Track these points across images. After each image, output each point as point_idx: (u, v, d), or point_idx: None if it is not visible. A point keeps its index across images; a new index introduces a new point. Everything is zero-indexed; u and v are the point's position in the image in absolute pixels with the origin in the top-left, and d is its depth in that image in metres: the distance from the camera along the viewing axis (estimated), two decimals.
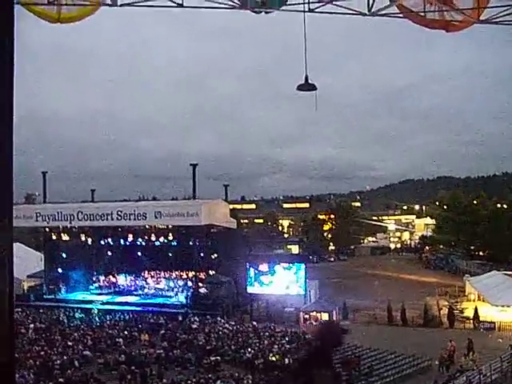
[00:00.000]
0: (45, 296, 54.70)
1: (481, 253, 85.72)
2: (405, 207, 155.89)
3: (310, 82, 14.16)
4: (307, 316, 45.48)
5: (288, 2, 11.75)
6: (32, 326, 42.85)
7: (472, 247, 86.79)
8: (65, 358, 33.81)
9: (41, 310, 49.74)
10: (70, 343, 37.51)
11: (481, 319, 44.81)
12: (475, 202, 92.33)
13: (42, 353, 34.57)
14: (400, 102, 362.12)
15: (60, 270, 56.56)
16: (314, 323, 44.26)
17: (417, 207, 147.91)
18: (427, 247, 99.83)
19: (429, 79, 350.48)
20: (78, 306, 50.87)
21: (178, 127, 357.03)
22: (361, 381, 30.66)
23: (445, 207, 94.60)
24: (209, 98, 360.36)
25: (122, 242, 55.74)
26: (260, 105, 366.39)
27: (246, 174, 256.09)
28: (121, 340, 38.85)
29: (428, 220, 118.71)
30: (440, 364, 32.94)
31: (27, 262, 50.34)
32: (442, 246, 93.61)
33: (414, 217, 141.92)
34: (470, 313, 46.91)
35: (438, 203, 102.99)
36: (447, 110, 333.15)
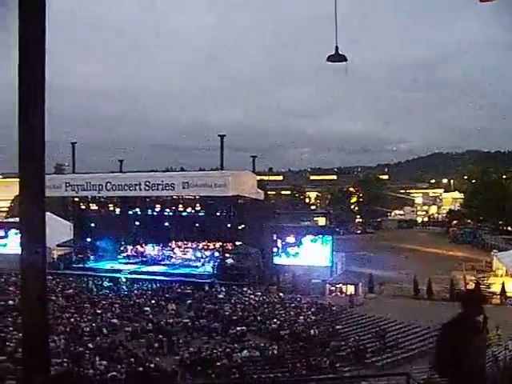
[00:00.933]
0: (74, 265, 55.32)
1: (509, 228, 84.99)
2: (433, 181, 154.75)
3: (340, 52, 14.03)
4: (333, 288, 45.58)
5: None
6: (62, 293, 43.53)
7: (500, 222, 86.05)
8: (93, 325, 34.32)
9: (70, 278, 50.38)
10: (98, 311, 38.03)
11: (508, 295, 44.56)
12: (504, 176, 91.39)
13: (72, 319, 35.13)
14: (430, 74, 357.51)
15: (88, 240, 57.12)
16: (340, 295, 44.48)
17: (445, 181, 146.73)
18: (454, 221, 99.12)
19: (460, 52, 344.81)
20: (106, 274, 51.43)
21: (206, 99, 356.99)
22: (386, 353, 30.77)
23: (473, 181, 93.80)
24: (235, 70, 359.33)
25: (149, 212, 56.02)
26: (288, 77, 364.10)
27: (274, 146, 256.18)
28: (148, 309, 39.26)
29: (456, 194, 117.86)
30: None
31: (57, 231, 50.88)
32: (469, 221, 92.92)
33: (442, 191, 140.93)
34: (497, 288, 46.64)
35: (466, 177, 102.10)
36: (479, 83, 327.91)
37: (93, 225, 57.66)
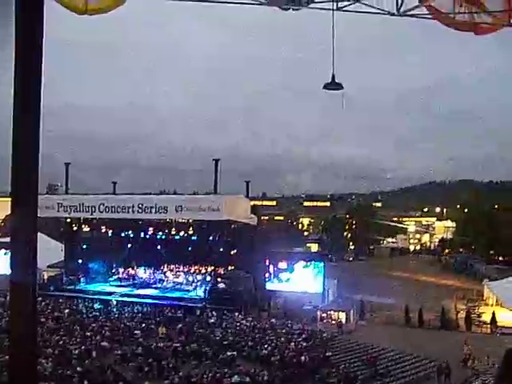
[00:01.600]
0: (64, 286, 55.00)
1: (500, 258, 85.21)
2: (426, 209, 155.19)
3: (336, 81, 14.19)
4: (324, 314, 45.48)
5: (316, 0, 11.75)
6: (51, 315, 43.28)
7: (492, 251, 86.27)
8: (83, 348, 34.07)
9: (60, 300, 50.02)
10: (88, 333, 37.79)
11: (498, 324, 44.59)
12: (496, 206, 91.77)
13: (61, 342, 34.89)
14: (425, 103, 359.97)
15: (80, 261, 56.97)
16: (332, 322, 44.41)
17: (438, 209, 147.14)
18: (447, 250, 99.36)
19: (455, 81, 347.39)
20: (97, 297, 51.18)
21: (202, 121, 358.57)
22: (377, 381, 30.66)
23: (466, 210, 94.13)
24: (235, 92, 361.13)
25: (142, 234, 56.04)
26: (285, 102, 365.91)
27: (268, 171, 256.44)
28: (138, 332, 39.06)
29: (448, 223, 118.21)
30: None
31: (47, 251, 50.53)
32: (461, 250, 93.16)
33: (435, 219, 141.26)
34: (487, 317, 46.71)
35: (459, 206, 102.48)
36: (472, 112, 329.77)
37: (84, 246, 57.59)
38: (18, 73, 4.10)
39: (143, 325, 41.32)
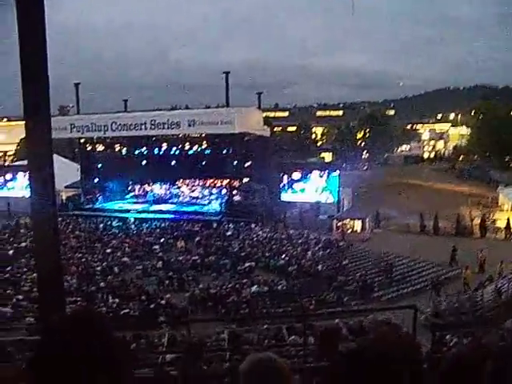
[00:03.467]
0: (83, 206, 55.81)
1: None
2: (439, 116, 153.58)
3: None
4: (340, 223, 45.86)
5: None
6: (72, 234, 44.05)
7: (507, 158, 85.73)
8: (104, 264, 34.87)
9: (79, 219, 50.83)
10: (108, 250, 38.51)
11: None
12: None
13: (83, 259, 35.68)
14: (438, 8, 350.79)
15: (96, 180, 57.39)
16: (347, 231, 44.83)
17: (452, 116, 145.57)
18: (461, 157, 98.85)
19: None
20: (115, 214, 51.88)
21: (210, 36, 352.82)
22: (393, 287, 31.21)
23: (481, 117, 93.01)
24: (241, 5, 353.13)
25: (156, 151, 56.09)
26: (293, 13, 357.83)
27: (280, 82, 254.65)
28: (157, 247, 39.79)
29: (463, 129, 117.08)
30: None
31: (64, 172, 50.86)
32: (476, 156, 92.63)
33: (449, 126, 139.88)
34: (502, 223, 46.92)
35: (473, 112, 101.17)
36: (487, 16, 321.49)
37: (100, 165, 57.87)
38: None
39: (162, 240, 41.94)
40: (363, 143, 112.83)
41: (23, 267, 33.26)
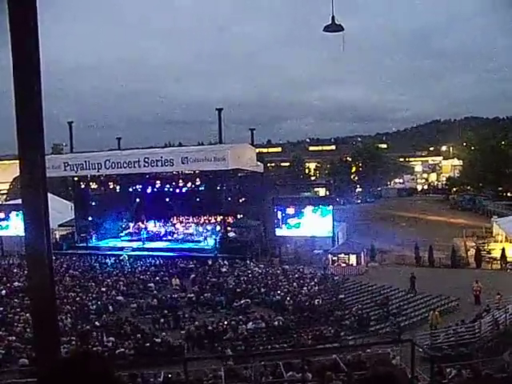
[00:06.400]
0: (76, 244, 55.60)
1: (509, 194, 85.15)
2: (432, 148, 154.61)
3: (336, 22, 14.05)
4: (335, 258, 45.76)
5: None
6: (66, 273, 43.87)
7: (500, 188, 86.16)
8: (99, 303, 34.69)
9: (74, 258, 50.71)
10: (103, 289, 38.41)
11: (508, 260, 44.88)
12: (503, 142, 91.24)
13: (78, 298, 35.53)
14: (426, 42, 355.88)
15: (90, 218, 57.24)
16: (343, 265, 44.74)
17: (444, 148, 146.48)
18: (454, 188, 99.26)
19: (453, 18, 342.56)
20: (110, 252, 51.69)
21: (202, 72, 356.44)
22: (389, 320, 31.06)
23: (472, 148, 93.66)
24: (233, 42, 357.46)
25: (149, 188, 56.13)
26: (285, 48, 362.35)
27: (272, 118, 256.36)
28: (152, 285, 39.63)
29: (455, 161, 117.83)
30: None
31: (58, 211, 50.93)
32: (469, 187, 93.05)
33: (441, 158, 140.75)
34: (497, 253, 46.93)
35: (465, 144, 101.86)
36: (473, 48, 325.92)
37: (94, 203, 57.83)
38: (13, 31, 4.10)
39: (157, 277, 41.89)
40: (356, 177, 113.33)
41: (16, 307, 33.04)
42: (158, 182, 55.54)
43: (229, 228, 52.35)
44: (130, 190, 56.92)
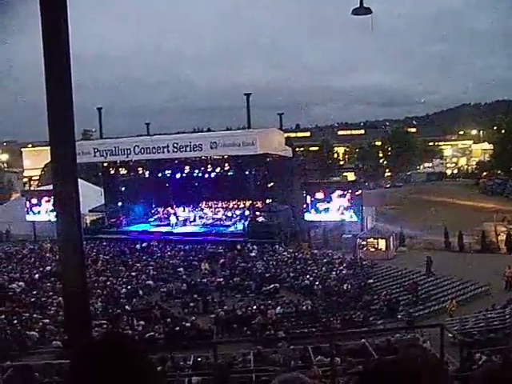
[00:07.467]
0: (107, 229, 56.10)
1: None
2: (461, 132, 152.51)
3: (365, 6, 13.93)
4: (364, 242, 45.59)
5: None
6: (97, 257, 44.31)
7: None
8: (129, 287, 35.06)
9: (104, 243, 51.23)
10: (133, 273, 38.78)
11: None
12: None
13: (108, 283, 35.92)
14: (456, 25, 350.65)
15: (120, 204, 57.55)
16: (371, 250, 44.56)
17: (474, 132, 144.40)
18: (484, 173, 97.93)
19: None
20: (139, 237, 52.07)
21: (231, 59, 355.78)
22: (418, 305, 30.94)
23: (503, 131, 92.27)
24: (260, 29, 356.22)
25: (178, 173, 56.21)
26: (313, 33, 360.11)
27: (301, 103, 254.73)
28: (182, 269, 39.87)
29: (486, 145, 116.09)
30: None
31: (88, 196, 51.32)
32: (499, 172, 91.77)
33: (472, 142, 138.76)
34: None
35: (495, 128, 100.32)
36: (505, 30, 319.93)
37: (123, 189, 58.08)
38: (44, 22, 4.14)
39: (186, 262, 42.11)
40: (386, 161, 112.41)
41: (49, 291, 33.55)
42: (187, 167, 55.53)
43: (257, 213, 52.28)
44: (159, 175, 57.02)
